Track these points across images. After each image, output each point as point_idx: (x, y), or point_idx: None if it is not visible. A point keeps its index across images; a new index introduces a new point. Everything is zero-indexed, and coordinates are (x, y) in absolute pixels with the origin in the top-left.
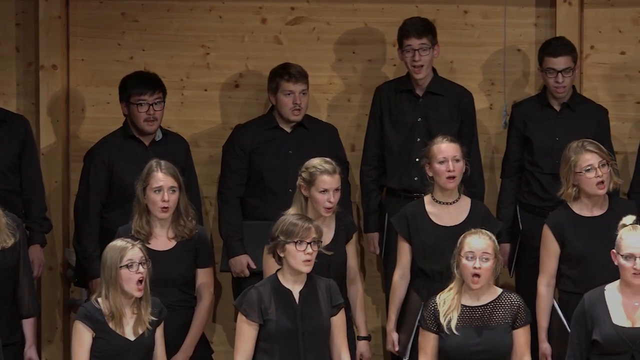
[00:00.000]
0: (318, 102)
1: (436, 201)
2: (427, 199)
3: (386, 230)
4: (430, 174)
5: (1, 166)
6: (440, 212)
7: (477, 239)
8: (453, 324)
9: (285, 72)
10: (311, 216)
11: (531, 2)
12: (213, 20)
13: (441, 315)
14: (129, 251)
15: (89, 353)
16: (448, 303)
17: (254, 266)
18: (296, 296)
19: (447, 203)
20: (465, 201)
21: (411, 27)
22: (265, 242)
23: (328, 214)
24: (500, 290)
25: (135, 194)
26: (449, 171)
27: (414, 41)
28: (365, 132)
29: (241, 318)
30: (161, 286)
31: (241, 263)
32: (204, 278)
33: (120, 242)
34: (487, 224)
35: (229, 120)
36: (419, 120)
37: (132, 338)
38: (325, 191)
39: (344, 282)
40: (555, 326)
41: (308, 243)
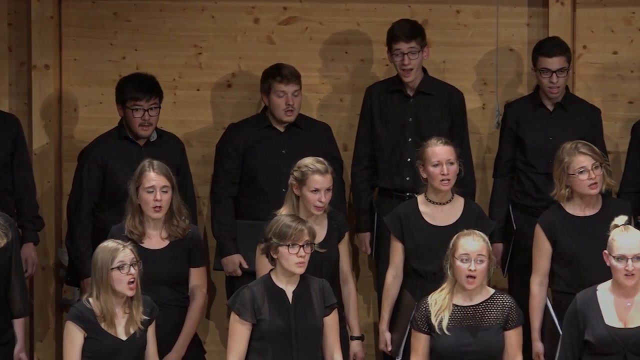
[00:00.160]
0: (310, 102)
1: (429, 201)
2: (421, 199)
3: (377, 230)
4: (424, 176)
5: None
6: (433, 212)
7: (472, 241)
8: (444, 324)
9: (277, 74)
10: (303, 215)
11: (523, 2)
12: (205, 20)
13: (432, 315)
14: (120, 253)
15: (81, 353)
16: (440, 303)
17: (246, 266)
18: (289, 296)
19: (441, 203)
20: (458, 201)
21: (399, 31)
22: (258, 242)
23: (319, 212)
24: (492, 290)
25: (128, 193)
26: (443, 174)
27: (403, 45)
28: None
29: (234, 317)
30: (153, 285)
31: (234, 262)
32: (197, 278)
33: (111, 243)
34: (481, 224)
35: (222, 120)
36: (410, 120)
37: (124, 338)
38: (316, 191)
39: (337, 282)
40: (547, 326)
41: (301, 246)
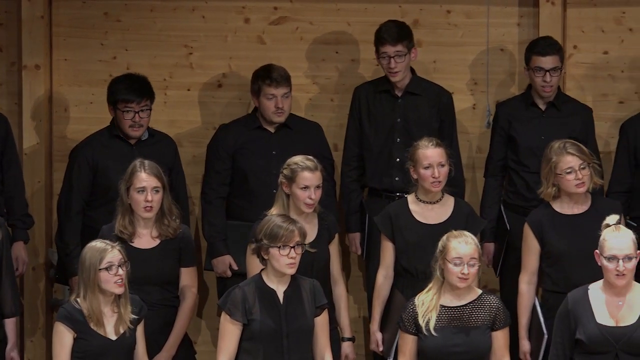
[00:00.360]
0: (301, 102)
1: (420, 200)
2: (411, 198)
3: (367, 230)
4: (414, 177)
5: None
6: (424, 211)
7: (465, 245)
8: (432, 325)
9: (267, 76)
10: (293, 214)
11: (514, 2)
12: (196, 20)
13: (420, 316)
14: (109, 253)
15: (70, 354)
16: (427, 304)
17: (237, 267)
18: (280, 296)
19: (431, 202)
20: (449, 200)
21: (386, 34)
22: (249, 242)
23: (309, 210)
24: (479, 291)
25: (119, 192)
26: (435, 177)
27: (389, 48)
28: None
29: (225, 317)
30: (144, 284)
31: (224, 263)
32: (187, 277)
33: (99, 244)
34: (471, 223)
35: (212, 120)
36: (398, 120)
37: (114, 338)
38: (306, 188)
39: (328, 283)
40: (533, 325)
41: (292, 247)
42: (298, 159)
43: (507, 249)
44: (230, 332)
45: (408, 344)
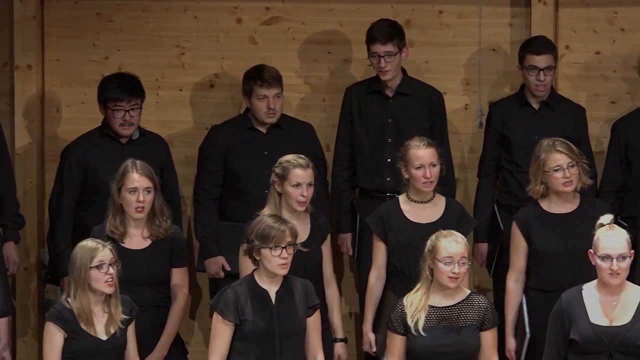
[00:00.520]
0: (292, 102)
1: (411, 200)
2: (402, 198)
3: (358, 230)
4: (406, 177)
5: None
6: (415, 210)
7: (455, 244)
8: (420, 325)
9: (258, 77)
10: (285, 213)
11: (506, 2)
12: (188, 20)
13: (408, 316)
14: (100, 252)
15: (61, 354)
16: (415, 304)
17: (229, 268)
18: (272, 297)
19: (423, 202)
20: (440, 199)
21: (377, 33)
22: (241, 243)
23: (301, 208)
24: (468, 291)
25: (110, 192)
26: (426, 177)
27: (380, 48)
28: None
29: (217, 318)
30: (135, 285)
31: (217, 264)
32: (179, 278)
33: (90, 243)
34: (462, 222)
35: (204, 120)
36: (390, 121)
37: (105, 338)
38: (298, 185)
39: (320, 283)
40: (519, 323)
41: (283, 247)
42: (290, 157)
43: (501, 249)
44: (222, 333)
45: (397, 345)
